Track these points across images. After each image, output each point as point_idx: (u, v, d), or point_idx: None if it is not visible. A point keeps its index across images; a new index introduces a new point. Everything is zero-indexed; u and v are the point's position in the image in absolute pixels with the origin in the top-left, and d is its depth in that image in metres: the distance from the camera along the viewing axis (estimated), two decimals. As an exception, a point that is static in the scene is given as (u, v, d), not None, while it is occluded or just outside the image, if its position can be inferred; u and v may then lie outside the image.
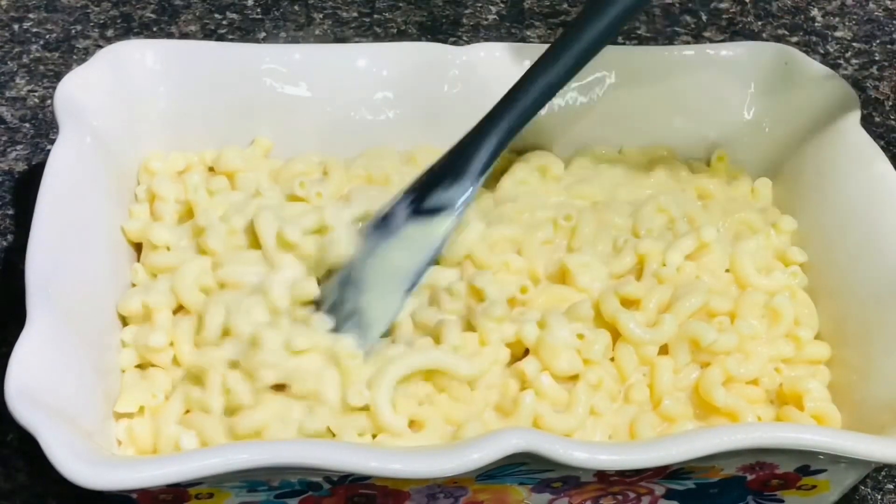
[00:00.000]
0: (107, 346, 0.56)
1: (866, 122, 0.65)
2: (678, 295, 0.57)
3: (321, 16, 0.85)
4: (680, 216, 0.62)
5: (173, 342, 0.56)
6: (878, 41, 0.86)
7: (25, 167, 0.72)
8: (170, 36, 0.82)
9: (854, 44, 0.86)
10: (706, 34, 0.85)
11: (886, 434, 0.50)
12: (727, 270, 0.61)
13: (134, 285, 0.59)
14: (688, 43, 0.84)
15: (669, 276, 0.58)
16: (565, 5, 0.87)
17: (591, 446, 0.48)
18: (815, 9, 0.88)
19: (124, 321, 0.57)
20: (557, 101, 0.67)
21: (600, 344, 0.55)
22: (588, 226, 0.61)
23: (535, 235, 0.61)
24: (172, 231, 0.60)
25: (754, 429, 0.48)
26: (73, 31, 0.82)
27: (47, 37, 0.81)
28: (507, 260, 0.59)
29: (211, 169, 0.64)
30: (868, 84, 0.82)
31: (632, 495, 0.52)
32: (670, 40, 0.84)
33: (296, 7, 0.85)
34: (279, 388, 0.53)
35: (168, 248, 0.59)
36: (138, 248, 0.61)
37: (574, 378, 0.55)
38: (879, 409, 0.54)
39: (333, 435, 0.52)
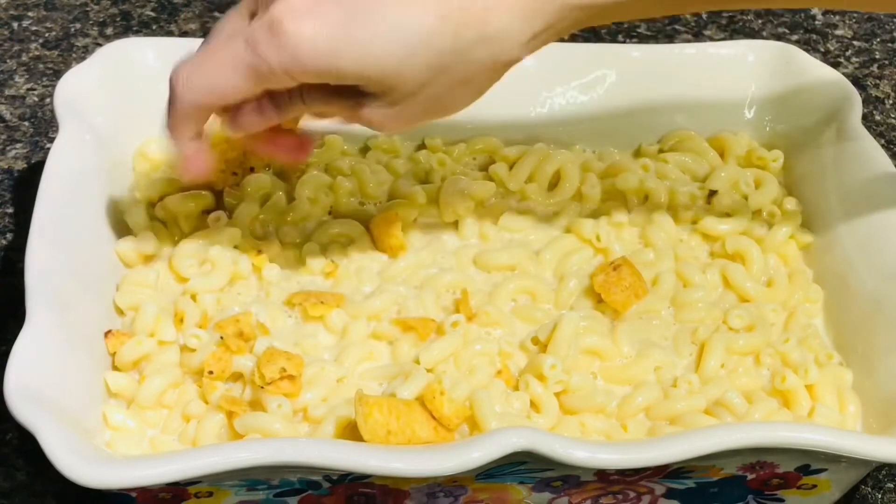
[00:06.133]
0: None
1: (867, 121, 0.65)
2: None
3: (321, 14, 0.85)
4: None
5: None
6: (878, 39, 0.86)
7: (25, 165, 0.72)
8: (169, 34, 0.82)
9: (854, 42, 0.86)
10: (706, 32, 0.85)
11: (888, 433, 0.50)
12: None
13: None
14: (688, 41, 0.84)
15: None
16: (565, 4, 0.87)
17: (591, 445, 0.48)
18: (816, 7, 0.88)
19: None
20: (558, 99, 0.67)
21: None
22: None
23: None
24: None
25: (754, 428, 0.48)
26: (73, 30, 0.82)
27: (46, 35, 0.81)
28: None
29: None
30: (868, 82, 0.82)
31: (632, 494, 0.52)
32: (671, 39, 0.84)
33: (295, 5, 0.85)
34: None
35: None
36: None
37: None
38: (885, 405, 0.55)
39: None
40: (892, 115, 0.80)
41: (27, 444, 0.56)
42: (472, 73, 0.50)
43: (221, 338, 0.55)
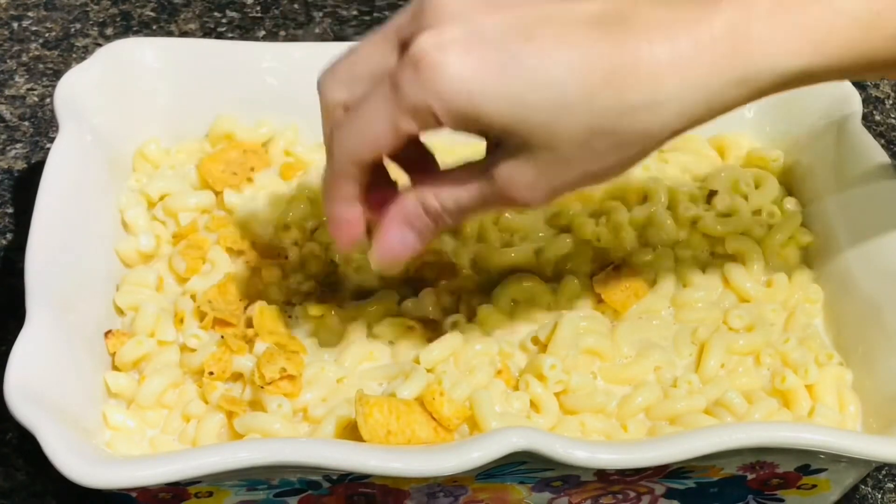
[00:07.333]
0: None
1: (867, 121, 0.65)
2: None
3: (321, 14, 0.85)
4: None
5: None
6: (878, 40, 0.86)
7: (25, 166, 0.72)
8: (169, 34, 0.82)
9: (854, 42, 0.86)
10: (706, 33, 0.85)
11: (888, 433, 0.50)
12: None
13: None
14: (688, 41, 0.84)
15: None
16: (565, 4, 0.87)
17: (591, 445, 0.48)
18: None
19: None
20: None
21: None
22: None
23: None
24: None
25: (754, 428, 0.48)
26: (73, 30, 0.82)
27: (46, 35, 0.81)
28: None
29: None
30: (868, 82, 0.82)
31: (632, 494, 0.52)
32: (670, 39, 0.84)
33: (295, 5, 0.85)
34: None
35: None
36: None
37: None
38: (885, 405, 0.55)
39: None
40: (892, 115, 0.80)
41: (27, 444, 0.56)
42: (632, 139, 0.45)
43: (222, 338, 0.55)
